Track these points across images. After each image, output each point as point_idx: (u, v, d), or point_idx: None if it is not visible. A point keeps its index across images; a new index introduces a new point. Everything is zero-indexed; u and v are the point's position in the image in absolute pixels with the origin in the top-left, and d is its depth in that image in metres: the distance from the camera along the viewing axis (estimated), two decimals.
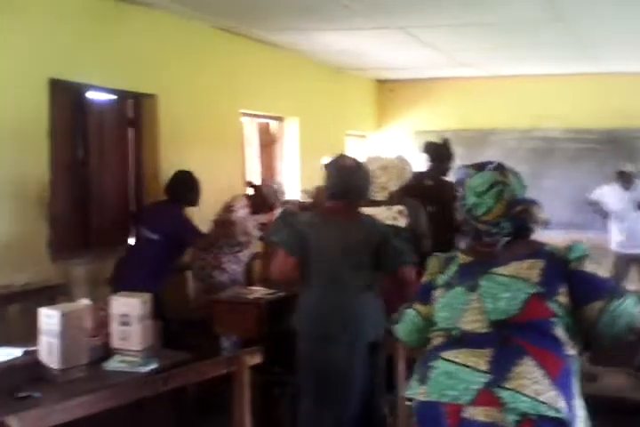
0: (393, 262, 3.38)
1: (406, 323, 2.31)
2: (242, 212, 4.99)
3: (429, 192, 4.91)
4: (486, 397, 1.93)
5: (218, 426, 3.59)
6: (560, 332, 2.03)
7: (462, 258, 2.24)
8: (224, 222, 4.94)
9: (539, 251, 2.15)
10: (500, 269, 2.12)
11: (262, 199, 5.18)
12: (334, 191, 3.43)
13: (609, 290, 2.06)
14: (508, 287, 2.07)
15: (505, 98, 8.70)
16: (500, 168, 2.25)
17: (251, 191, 5.39)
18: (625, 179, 6.88)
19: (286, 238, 3.38)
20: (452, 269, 2.23)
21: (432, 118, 8.93)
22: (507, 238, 2.17)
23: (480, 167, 2.27)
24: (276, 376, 4.04)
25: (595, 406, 2.26)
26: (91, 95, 4.96)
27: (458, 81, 8.82)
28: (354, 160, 3.53)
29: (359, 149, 8.74)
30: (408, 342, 2.35)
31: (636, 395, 2.72)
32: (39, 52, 4.33)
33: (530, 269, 2.09)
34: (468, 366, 1.99)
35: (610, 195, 6.96)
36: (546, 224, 2.19)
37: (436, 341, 2.15)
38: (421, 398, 2.04)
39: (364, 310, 3.32)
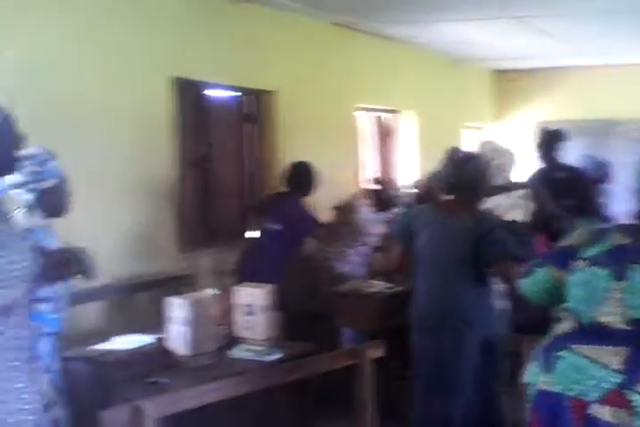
0: (491, 254, 3.27)
1: (534, 281, 2.20)
2: (364, 211, 4.98)
3: (564, 184, 4.74)
4: (616, 397, 1.85)
5: (338, 418, 3.61)
6: None
7: (618, 237, 2.04)
8: (346, 221, 4.95)
9: None
10: None
11: (385, 197, 5.14)
12: (446, 185, 3.40)
13: None
14: None
15: (630, 87, 8.31)
16: None
17: (374, 186, 5.35)
18: None
19: (397, 231, 3.47)
20: (601, 246, 2.04)
21: (553, 109, 8.65)
22: None
23: None
24: (395, 370, 4.03)
25: None
26: (211, 93, 5.10)
27: (581, 70, 8.50)
28: (466, 153, 3.47)
29: (476, 142, 8.58)
30: (532, 299, 2.25)
31: None
32: (162, 51, 4.49)
33: None
34: (599, 363, 1.90)
35: None
36: None
37: (565, 325, 2.05)
38: (544, 386, 1.97)
39: (468, 306, 3.26)
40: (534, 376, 2.02)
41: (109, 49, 4.14)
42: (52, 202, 2.80)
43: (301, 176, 4.83)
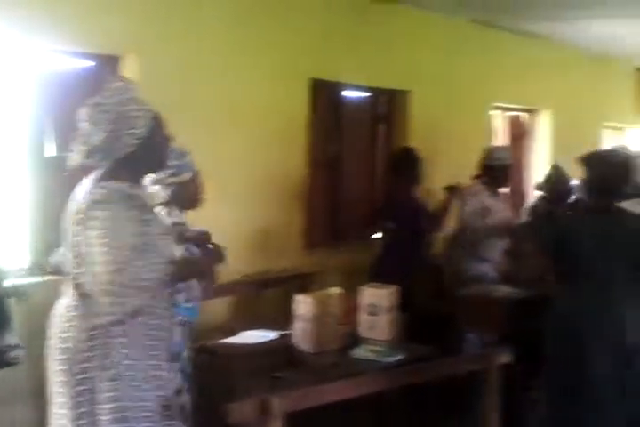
0: None
1: None
2: (480, 196, 4.82)
3: None
4: None
5: (459, 425, 3.56)
6: None
7: None
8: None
9: None
10: None
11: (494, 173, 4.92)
12: (598, 186, 3.24)
13: None
14: None
15: None
16: None
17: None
18: None
19: (541, 237, 3.31)
20: None
21: None
22: None
23: None
24: (519, 378, 3.92)
25: None
26: (347, 93, 5.15)
27: None
28: (620, 154, 3.30)
29: (616, 143, 8.20)
30: None
31: None
32: (301, 52, 4.58)
33: None
34: None
35: None
36: None
37: None
38: None
39: (625, 312, 3.11)
40: None
41: (248, 50, 4.27)
42: (187, 195, 2.93)
43: (403, 162, 4.71)
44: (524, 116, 7.09)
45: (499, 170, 4.81)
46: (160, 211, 2.78)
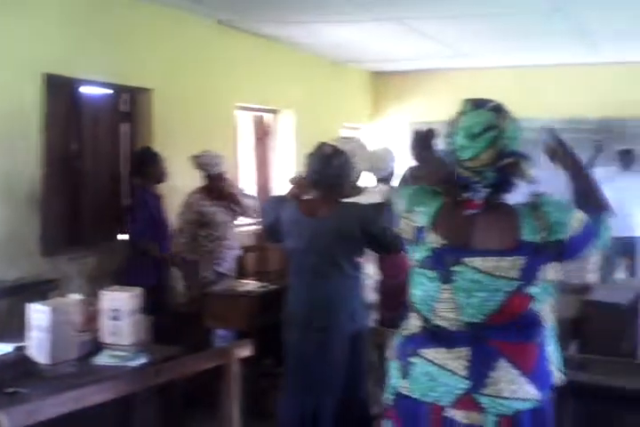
0: (392, 243, 3.20)
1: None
2: (200, 204, 4.91)
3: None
4: (467, 402, 1.92)
5: (206, 420, 3.59)
6: (538, 308, 1.94)
7: (434, 240, 1.98)
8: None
9: (519, 242, 1.92)
10: (475, 262, 1.94)
11: (210, 181, 5.02)
12: (312, 180, 3.38)
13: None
14: (484, 286, 1.92)
15: (503, 89, 8.54)
16: (499, 110, 1.99)
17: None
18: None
19: (266, 229, 3.48)
20: (424, 251, 2.00)
21: (429, 110, 8.89)
22: (487, 190, 1.95)
23: (478, 105, 2.01)
24: (266, 368, 4.04)
25: (584, 394, 2.38)
26: (86, 90, 4.95)
27: (456, 72, 8.78)
28: (333, 147, 3.45)
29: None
30: None
31: (625, 382, 2.73)
32: (34, 47, 4.33)
33: (510, 268, 1.91)
34: (447, 370, 1.94)
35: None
36: (532, 181, 1.98)
37: (413, 326, 2.05)
38: (403, 391, 2.02)
39: (338, 301, 3.28)
40: (394, 379, 2.06)
41: None
42: None
43: (139, 161, 4.74)
44: (267, 116, 7.30)
45: (211, 178, 4.93)
46: None
